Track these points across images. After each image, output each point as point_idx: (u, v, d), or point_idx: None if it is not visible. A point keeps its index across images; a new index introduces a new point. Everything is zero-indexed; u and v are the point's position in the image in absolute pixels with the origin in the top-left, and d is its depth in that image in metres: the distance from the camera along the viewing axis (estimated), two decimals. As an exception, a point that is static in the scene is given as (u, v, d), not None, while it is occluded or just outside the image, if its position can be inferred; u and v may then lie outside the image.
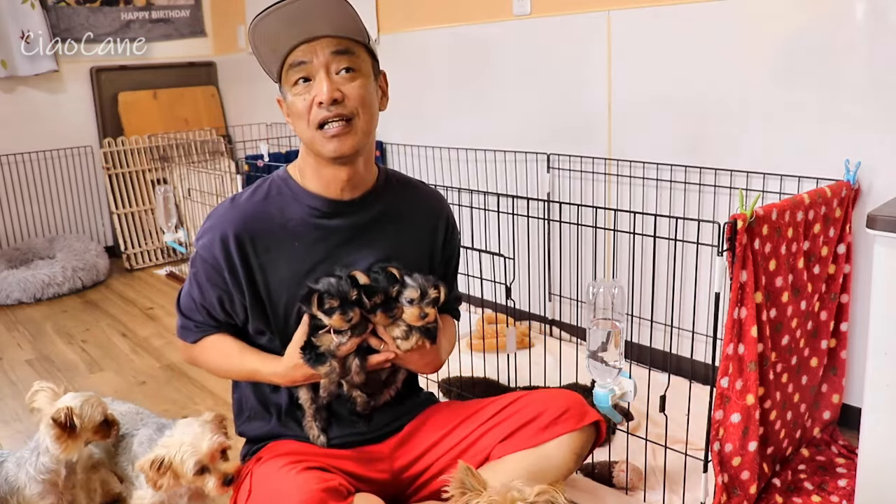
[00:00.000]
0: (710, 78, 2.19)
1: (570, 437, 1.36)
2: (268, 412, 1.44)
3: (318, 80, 1.25)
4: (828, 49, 1.92)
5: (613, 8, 2.39)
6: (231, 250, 1.30)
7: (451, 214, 1.52)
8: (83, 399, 1.45)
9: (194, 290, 1.38)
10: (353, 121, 1.26)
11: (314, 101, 1.25)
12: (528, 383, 2.09)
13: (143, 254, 4.19)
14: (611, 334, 1.53)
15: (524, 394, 1.47)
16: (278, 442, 1.39)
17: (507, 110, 2.83)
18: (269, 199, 1.35)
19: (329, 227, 1.35)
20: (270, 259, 1.32)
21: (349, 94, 1.25)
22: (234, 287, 1.33)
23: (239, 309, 1.36)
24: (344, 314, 1.25)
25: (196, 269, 1.36)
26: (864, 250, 1.85)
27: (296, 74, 1.26)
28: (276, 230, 1.33)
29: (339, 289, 1.25)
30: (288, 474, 1.24)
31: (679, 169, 2.28)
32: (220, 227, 1.32)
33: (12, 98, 4.01)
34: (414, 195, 1.47)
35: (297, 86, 1.27)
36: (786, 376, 1.74)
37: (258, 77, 4.49)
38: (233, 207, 1.34)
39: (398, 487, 1.44)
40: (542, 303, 2.76)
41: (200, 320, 1.40)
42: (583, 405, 1.41)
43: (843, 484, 1.74)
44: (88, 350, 2.91)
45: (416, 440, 1.44)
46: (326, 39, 1.25)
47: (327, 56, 1.24)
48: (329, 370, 1.31)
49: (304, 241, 1.34)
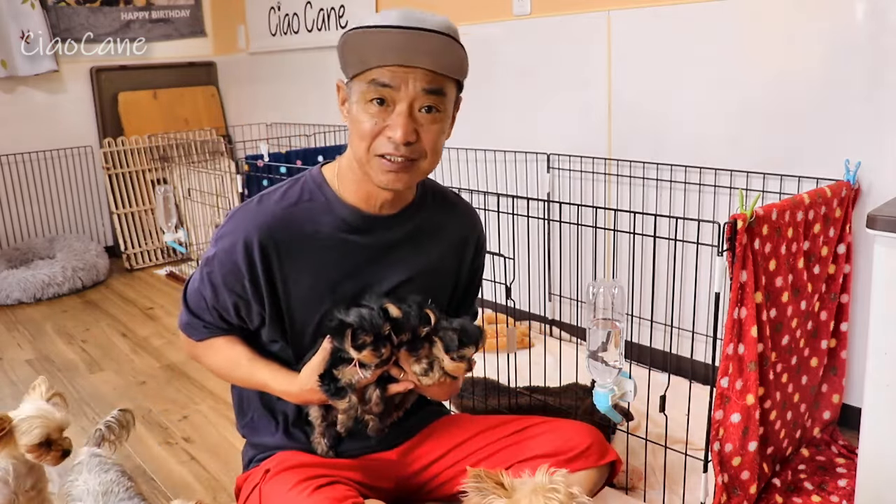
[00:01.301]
0: (710, 78, 2.19)
1: (589, 474, 1.34)
2: (274, 419, 1.39)
3: (397, 113, 1.14)
4: (828, 49, 1.92)
5: (613, 8, 2.39)
6: (254, 257, 1.22)
7: (482, 233, 1.46)
8: (32, 415, 1.41)
9: (206, 290, 1.28)
10: (416, 161, 1.19)
11: (384, 130, 1.15)
12: (528, 383, 2.09)
13: (143, 254, 4.19)
14: (611, 334, 1.53)
15: (545, 420, 1.43)
16: (286, 453, 1.35)
17: (507, 110, 2.83)
18: (300, 205, 1.26)
19: (358, 244, 1.27)
20: (294, 270, 1.25)
21: (424, 137, 1.16)
22: (253, 296, 1.25)
23: (255, 317, 1.29)
24: (376, 350, 1.18)
25: (212, 269, 1.26)
26: (864, 250, 1.85)
27: (374, 93, 1.14)
28: (304, 241, 1.24)
29: (373, 323, 1.17)
30: (299, 496, 1.21)
31: (679, 169, 2.28)
32: (245, 230, 1.22)
33: (12, 98, 4.01)
34: (450, 210, 1.40)
35: (371, 103, 1.15)
36: (786, 376, 1.74)
37: (258, 77, 4.48)
38: (260, 210, 1.25)
39: (405, 494, 1.42)
40: (542, 303, 2.76)
41: (210, 321, 1.31)
42: (603, 442, 1.38)
43: (843, 484, 1.74)
44: (88, 350, 2.91)
45: (426, 449, 1.42)
46: (422, 72, 1.13)
47: (416, 91, 1.14)
48: (348, 406, 1.26)
49: (332, 255, 1.26)
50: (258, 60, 4.23)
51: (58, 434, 1.42)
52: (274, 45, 4.06)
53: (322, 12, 3.67)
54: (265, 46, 4.13)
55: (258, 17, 4.15)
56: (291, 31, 3.91)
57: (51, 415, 1.41)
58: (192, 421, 2.27)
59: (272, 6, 4.02)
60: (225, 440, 2.14)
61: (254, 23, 4.21)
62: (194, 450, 2.10)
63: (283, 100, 4.09)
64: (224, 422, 2.25)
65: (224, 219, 1.31)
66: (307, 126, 3.84)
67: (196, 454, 2.07)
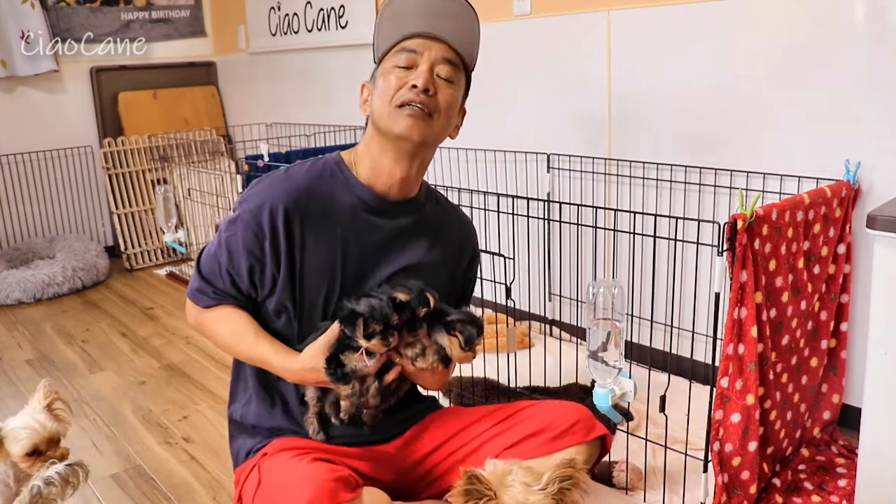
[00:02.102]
0: (710, 78, 2.19)
1: (578, 450, 1.36)
2: (270, 399, 1.41)
3: (419, 70, 1.29)
4: (828, 49, 1.92)
5: (613, 8, 2.39)
6: (277, 221, 1.29)
7: (477, 245, 1.55)
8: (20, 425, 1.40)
9: (222, 254, 1.34)
10: (433, 115, 1.30)
11: (407, 83, 1.28)
12: (528, 383, 2.09)
13: (143, 254, 4.19)
14: (611, 334, 1.53)
15: (533, 403, 1.47)
16: (284, 439, 1.38)
17: (507, 110, 2.83)
18: (322, 180, 1.35)
19: (373, 223, 1.36)
20: (313, 238, 1.32)
21: (440, 96, 1.30)
22: (271, 257, 1.31)
23: (268, 281, 1.33)
24: (384, 339, 1.23)
25: (233, 231, 1.32)
26: (864, 250, 1.85)
27: (402, 59, 1.30)
28: (324, 211, 1.33)
29: (384, 313, 1.23)
30: (298, 464, 1.24)
31: (679, 169, 2.28)
32: (272, 196, 1.30)
33: (12, 98, 4.01)
34: (449, 216, 1.49)
35: (396, 69, 1.30)
36: (786, 376, 1.74)
37: (258, 77, 4.48)
38: (287, 179, 1.33)
39: (403, 487, 1.44)
40: (542, 303, 2.76)
41: (221, 287, 1.36)
42: (591, 418, 1.41)
43: (843, 484, 1.74)
44: (88, 350, 2.91)
45: (423, 441, 1.45)
46: (444, 45, 1.30)
47: (437, 57, 1.30)
48: (352, 392, 1.30)
49: (348, 229, 1.34)
50: (258, 60, 4.24)
51: (46, 445, 1.40)
52: (274, 45, 4.06)
53: (322, 12, 3.67)
54: (265, 46, 4.13)
55: (258, 17, 4.15)
56: (291, 31, 3.91)
57: (41, 425, 1.40)
58: (192, 421, 2.27)
59: (272, 6, 4.02)
60: (225, 440, 2.13)
61: (254, 23, 4.21)
62: (194, 450, 2.10)
63: (283, 100, 4.09)
64: (224, 422, 2.23)
65: (249, 187, 1.37)
66: (307, 126, 3.84)
67: (196, 454, 2.07)
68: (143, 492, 1.89)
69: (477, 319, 1.30)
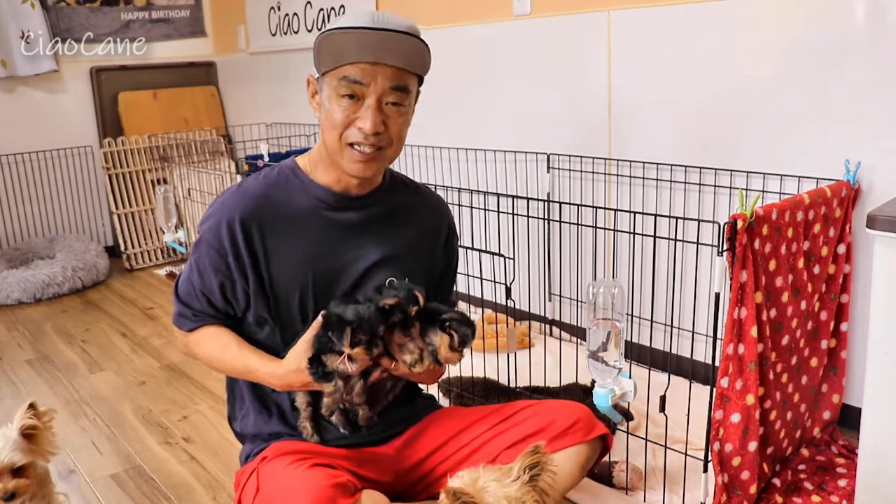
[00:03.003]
0: (710, 78, 2.19)
1: (578, 449, 1.36)
2: (267, 409, 1.43)
3: (366, 107, 1.25)
4: (828, 49, 1.92)
5: (613, 8, 2.39)
6: (237, 234, 1.30)
7: (452, 220, 1.53)
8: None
9: (194, 276, 1.36)
10: (383, 149, 1.29)
11: (355, 121, 1.25)
12: (528, 383, 2.09)
13: (143, 254, 4.19)
14: (611, 334, 1.53)
15: (533, 403, 1.46)
16: (282, 442, 1.38)
17: (507, 110, 2.83)
18: (278, 186, 1.35)
19: (336, 220, 1.36)
20: (275, 245, 1.32)
21: (391, 127, 1.27)
22: (237, 272, 1.32)
23: (240, 296, 1.35)
24: (369, 349, 1.23)
25: (199, 253, 1.34)
26: (864, 250, 1.85)
27: (346, 89, 1.25)
28: (283, 217, 1.33)
29: (371, 323, 1.22)
30: (296, 471, 1.24)
31: (679, 169, 2.28)
32: (227, 211, 1.31)
33: (12, 98, 4.01)
34: (418, 198, 1.48)
35: (342, 98, 1.26)
36: (786, 376, 1.74)
37: (258, 77, 4.48)
38: (240, 192, 1.34)
39: (402, 488, 1.44)
40: (542, 303, 2.76)
41: (199, 308, 1.38)
42: (591, 418, 1.41)
43: (843, 484, 1.74)
44: (88, 350, 2.91)
45: (422, 442, 1.44)
46: (390, 69, 1.24)
47: (384, 88, 1.24)
48: (334, 389, 1.30)
49: (311, 230, 1.34)
50: (258, 60, 4.23)
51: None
52: (274, 45, 4.06)
53: (322, 12, 3.67)
54: (265, 46, 4.13)
55: (258, 17, 4.15)
56: (291, 31, 3.91)
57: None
58: (192, 421, 2.27)
59: (272, 6, 4.02)
60: (225, 440, 2.14)
61: (254, 23, 4.21)
62: (194, 450, 2.10)
63: (283, 100, 4.09)
64: (224, 422, 2.24)
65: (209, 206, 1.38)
66: (307, 126, 3.84)
67: (196, 454, 2.07)
68: (143, 492, 1.89)
69: (470, 320, 1.30)
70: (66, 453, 2.10)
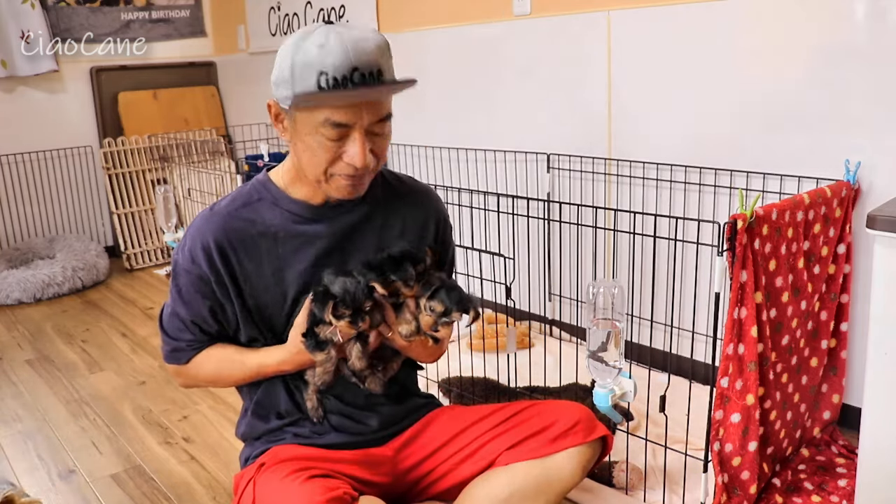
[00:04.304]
0: (710, 78, 2.19)
1: (579, 451, 1.36)
2: (265, 411, 1.42)
3: (353, 140, 1.20)
4: (828, 49, 1.93)
5: (613, 8, 2.39)
6: (214, 258, 1.28)
7: (442, 209, 1.48)
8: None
9: (180, 308, 1.33)
10: (371, 169, 1.27)
11: (342, 156, 1.21)
12: (528, 383, 2.09)
13: (143, 254, 4.19)
14: (611, 334, 1.53)
15: (534, 403, 1.45)
16: (281, 447, 1.37)
17: (507, 110, 2.83)
18: (249, 205, 1.32)
19: (312, 233, 1.32)
20: (254, 266, 1.30)
21: (378, 146, 1.24)
22: (223, 296, 1.30)
23: (231, 318, 1.33)
24: (353, 323, 1.23)
25: (179, 284, 1.31)
26: (864, 250, 1.85)
27: (330, 133, 1.20)
28: (257, 237, 1.30)
29: (355, 298, 1.22)
30: (292, 484, 1.22)
31: (679, 169, 2.28)
32: (201, 236, 1.29)
33: (12, 98, 4.01)
34: (403, 192, 1.44)
35: (324, 139, 1.20)
36: (786, 376, 1.74)
37: (258, 77, 4.48)
38: (212, 216, 1.31)
39: (401, 490, 1.43)
40: (542, 303, 2.76)
41: (191, 339, 1.35)
42: (592, 419, 1.40)
43: (843, 484, 1.74)
44: (88, 350, 2.91)
45: (421, 442, 1.43)
46: (374, 104, 1.21)
47: (370, 122, 1.21)
48: (325, 358, 1.29)
49: (288, 246, 1.31)
50: (258, 60, 4.23)
51: None
52: (274, 45, 4.04)
53: (322, 12, 3.67)
54: (265, 46, 4.13)
55: (258, 17, 4.15)
56: (291, 31, 3.91)
57: None
58: (192, 421, 2.27)
59: (272, 6, 4.02)
60: (225, 440, 2.14)
61: (254, 23, 4.21)
62: (194, 450, 2.10)
63: (283, 100, 4.08)
64: (224, 422, 2.25)
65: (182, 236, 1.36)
66: (307, 126, 3.83)
67: (196, 454, 2.07)
68: (143, 492, 1.89)
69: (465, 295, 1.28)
70: (66, 453, 2.10)
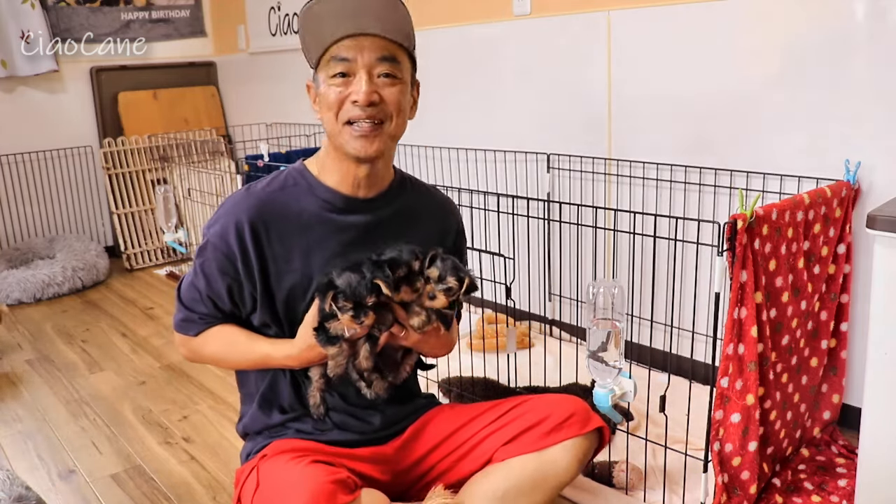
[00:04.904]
0: (710, 78, 2.19)
1: (574, 443, 1.36)
2: (269, 405, 1.42)
3: (357, 79, 1.24)
4: (828, 49, 1.93)
5: (613, 8, 2.39)
6: (245, 238, 1.29)
7: (460, 222, 1.53)
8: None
9: (200, 281, 1.35)
10: (383, 124, 1.27)
11: (349, 97, 1.25)
12: (529, 383, 2.09)
13: (143, 254, 4.19)
14: (611, 334, 1.53)
15: (528, 398, 1.46)
16: (282, 440, 1.38)
17: (507, 110, 2.83)
18: (285, 190, 1.34)
19: (342, 223, 1.35)
20: (283, 249, 1.32)
21: (387, 97, 1.26)
22: (245, 276, 1.32)
23: (248, 299, 1.34)
24: (355, 317, 1.23)
25: (204, 258, 1.33)
26: (864, 250, 1.85)
27: (336, 68, 1.25)
28: (291, 221, 1.32)
29: (357, 292, 1.22)
30: (296, 467, 1.24)
31: (679, 169, 2.28)
32: (235, 214, 1.30)
33: (12, 98, 4.01)
34: (427, 200, 1.47)
35: (334, 78, 1.25)
36: (786, 376, 1.74)
37: (258, 77, 4.48)
38: (248, 195, 1.33)
39: (401, 488, 1.44)
40: (542, 303, 2.76)
41: (205, 312, 1.37)
42: (587, 411, 1.41)
43: (843, 484, 1.74)
44: (88, 350, 2.91)
45: (420, 442, 1.45)
46: (374, 40, 1.24)
47: (372, 60, 1.24)
48: (337, 352, 1.30)
49: (317, 234, 1.33)
50: (258, 60, 4.23)
51: None
52: (274, 45, 4.06)
53: (322, 12, 3.66)
54: (265, 46, 4.13)
55: (258, 17, 4.15)
56: (291, 31, 3.91)
57: None
58: (192, 421, 2.27)
59: (272, 6, 4.02)
60: (225, 440, 2.14)
61: (254, 23, 4.21)
62: (194, 450, 2.10)
63: (283, 100, 4.09)
64: (224, 422, 2.25)
65: (216, 210, 1.37)
66: (307, 126, 3.84)
67: (196, 454, 2.07)
68: (143, 492, 1.89)
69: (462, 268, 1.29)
70: (66, 453, 2.10)
